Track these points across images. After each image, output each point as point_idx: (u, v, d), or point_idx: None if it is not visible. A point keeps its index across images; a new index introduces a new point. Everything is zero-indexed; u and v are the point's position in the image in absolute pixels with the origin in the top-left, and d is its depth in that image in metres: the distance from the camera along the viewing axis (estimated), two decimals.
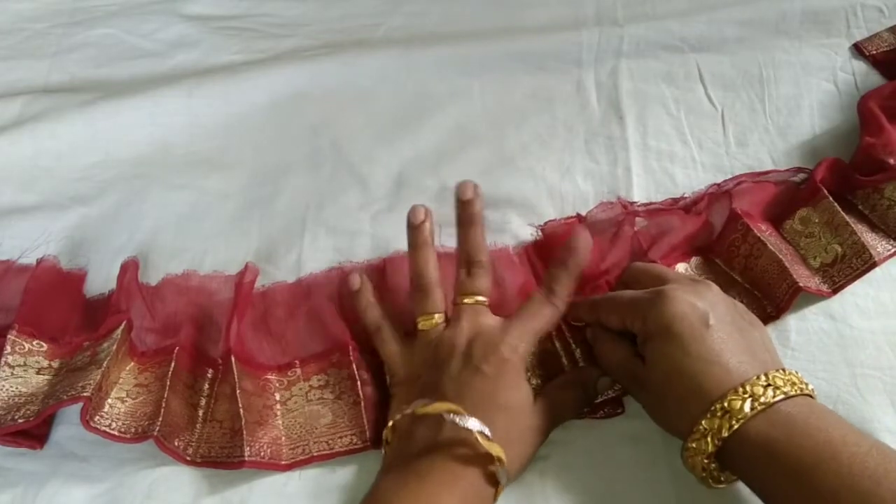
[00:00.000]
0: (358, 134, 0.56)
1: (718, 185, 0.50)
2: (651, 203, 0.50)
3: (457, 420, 0.37)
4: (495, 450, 0.36)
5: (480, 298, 0.43)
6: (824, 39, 0.57)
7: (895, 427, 0.41)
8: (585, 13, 0.60)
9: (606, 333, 0.43)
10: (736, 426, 0.35)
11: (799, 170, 0.51)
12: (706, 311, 0.38)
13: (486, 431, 0.37)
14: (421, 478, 0.37)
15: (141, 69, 0.60)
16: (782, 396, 0.35)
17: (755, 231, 0.46)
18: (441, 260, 0.45)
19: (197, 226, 0.52)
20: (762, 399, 0.35)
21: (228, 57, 0.61)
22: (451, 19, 0.61)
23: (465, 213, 0.44)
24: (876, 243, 0.47)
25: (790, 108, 0.54)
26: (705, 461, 0.36)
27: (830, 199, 0.47)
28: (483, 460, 0.37)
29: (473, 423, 0.37)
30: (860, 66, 0.56)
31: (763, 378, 0.36)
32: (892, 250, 0.47)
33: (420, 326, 0.44)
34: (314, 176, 0.54)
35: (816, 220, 0.48)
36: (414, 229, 0.45)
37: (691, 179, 0.52)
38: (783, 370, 0.37)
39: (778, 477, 0.34)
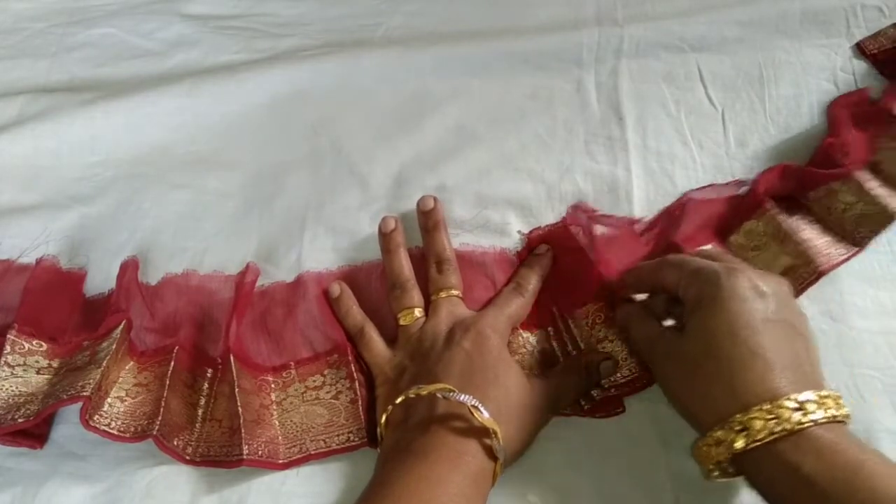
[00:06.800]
0: (358, 133, 0.56)
1: (669, 207, 0.49)
2: (609, 216, 0.49)
3: (449, 396, 0.38)
4: (489, 423, 0.37)
5: (454, 292, 0.46)
6: (824, 39, 0.56)
7: (895, 427, 0.41)
8: (585, 13, 0.60)
9: (639, 307, 0.43)
10: (752, 446, 0.34)
11: (740, 182, 0.50)
12: (770, 303, 0.37)
13: (478, 405, 0.37)
14: (423, 458, 0.37)
15: (141, 69, 0.60)
16: (810, 423, 0.33)
17: None
18: (414, 262, 0.48)
19: (197, 225, 0.52)
20: (786, 425, 0.33)
21: (228, 57, 0.60)
22: (451, 19, 0.61)
23: (429, 221, 0.48)
24: (829, 248, 0.46)
25: (790, 108, 0.54)
26: (713, 465, 0.36)
27: (775, 209, 0.47)
28: (480, 434, 0.38)
29: (465, 398, 0.38)
30: (860, 66, 0.56)
31: (793, 399, 0.34)
32: (845, 255, 0.46)
33: (401, 322, 0.46)
34: (314, 175, 0.54)
35: (762, 232, 0.47)
36: (386, 236, 0.48)
37: (691, 180, 0.51)
38: (820, 393, 0.35)
39: (802, 494, 0.33)
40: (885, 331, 0.45)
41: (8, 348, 0.44)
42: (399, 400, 0.40)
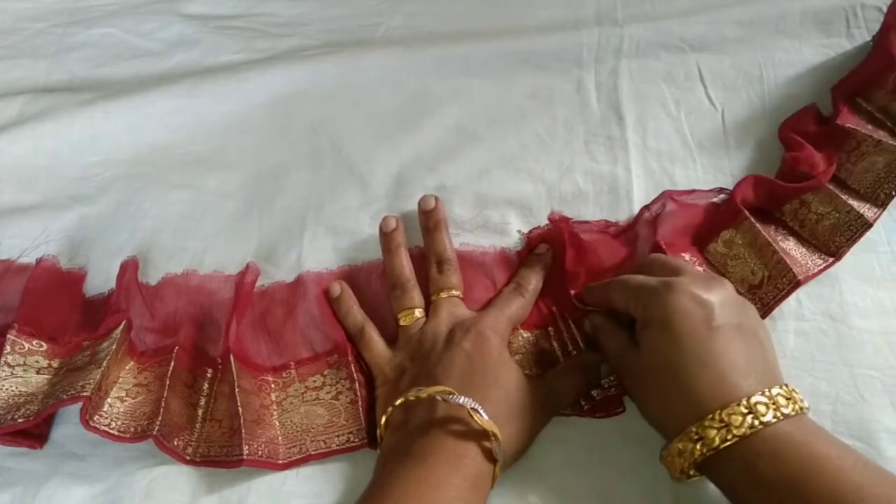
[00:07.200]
0: (358, 133, 0.56)
1: (648, 206, 0.49)
2: (585, 222, 0.49)
3: (449, 399, 0.38)
4: (488, 425, 0.37)
5: (454, 292, 0.46)
6: (824, 39, 0.56)
7: (895, 427, 0.41)
8: (585, 13, 0.60)
9: (606, 321, 0.43)
10: (709, 454, 0.35)
11: (721, 190, 0.50)
12: (712, 311, 0.37)
13: (477, 407, 0.37)
14: (423, 461, 0.37)
15: (141, 69, 0.60)
16: (761, 426, 0.34)
17: None
18: (414, 262, 0.48)
19: (197, 225, 0.52)
20: (736, 431, 0.34)
21: (228, 57, 0.61)
22: (451, 19, 0.61)
23: (430, 221, 0.48)
24: (806, 259, 0.46)
25: (790, 108, 0.54)
26: (679, 473, 0.37)
27: (751, 219, 0.47)
28: (479, 437, 0.38)
29: (464, 401, 0.38)
30: None
31: (743, 404, 0.34)
32: (822, 265, 0.46)
33: (402, 322, 0.46)
34: (314, 175, 0.54)
35: (740, 242, 0.47)
36: (387, 236, 0.48)
37: (691, 180, 0.51)
38: (771, 392, 0.35)
39: (759, 493, 0.34)
40: (885, 331, 0.45)
41: (8, 348, 0.44)
42: (399, 402, 0.40)
